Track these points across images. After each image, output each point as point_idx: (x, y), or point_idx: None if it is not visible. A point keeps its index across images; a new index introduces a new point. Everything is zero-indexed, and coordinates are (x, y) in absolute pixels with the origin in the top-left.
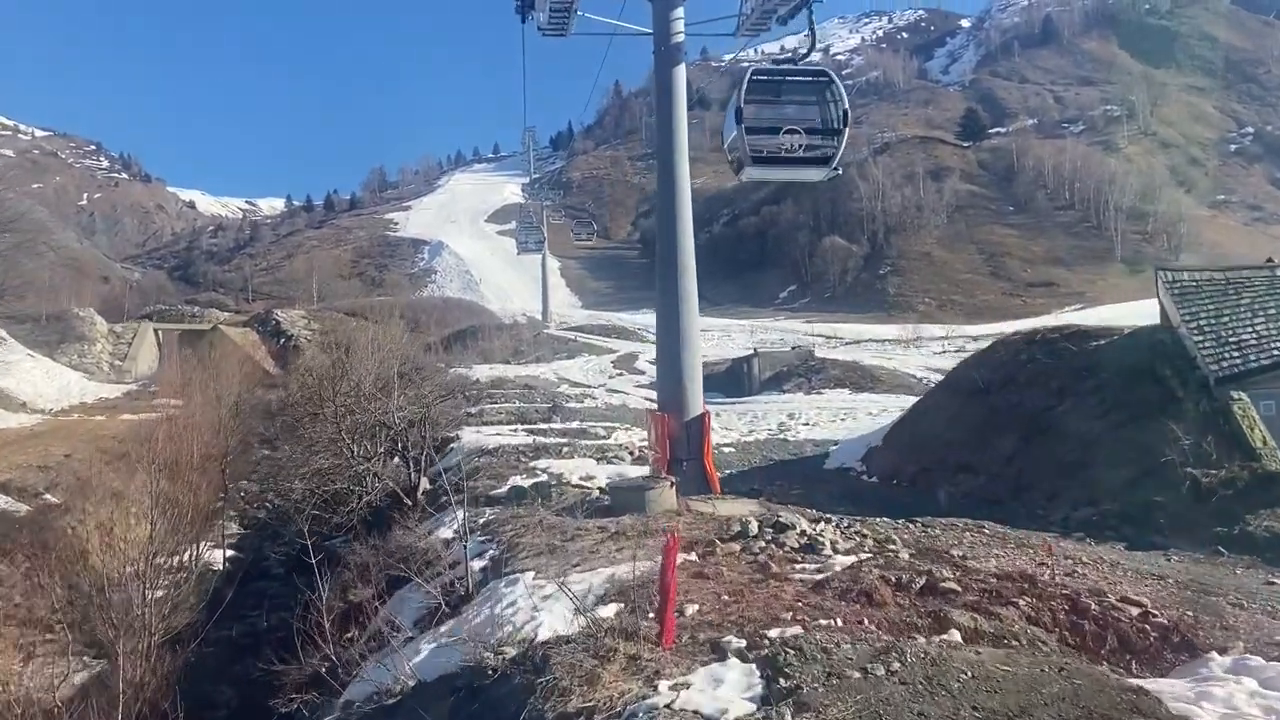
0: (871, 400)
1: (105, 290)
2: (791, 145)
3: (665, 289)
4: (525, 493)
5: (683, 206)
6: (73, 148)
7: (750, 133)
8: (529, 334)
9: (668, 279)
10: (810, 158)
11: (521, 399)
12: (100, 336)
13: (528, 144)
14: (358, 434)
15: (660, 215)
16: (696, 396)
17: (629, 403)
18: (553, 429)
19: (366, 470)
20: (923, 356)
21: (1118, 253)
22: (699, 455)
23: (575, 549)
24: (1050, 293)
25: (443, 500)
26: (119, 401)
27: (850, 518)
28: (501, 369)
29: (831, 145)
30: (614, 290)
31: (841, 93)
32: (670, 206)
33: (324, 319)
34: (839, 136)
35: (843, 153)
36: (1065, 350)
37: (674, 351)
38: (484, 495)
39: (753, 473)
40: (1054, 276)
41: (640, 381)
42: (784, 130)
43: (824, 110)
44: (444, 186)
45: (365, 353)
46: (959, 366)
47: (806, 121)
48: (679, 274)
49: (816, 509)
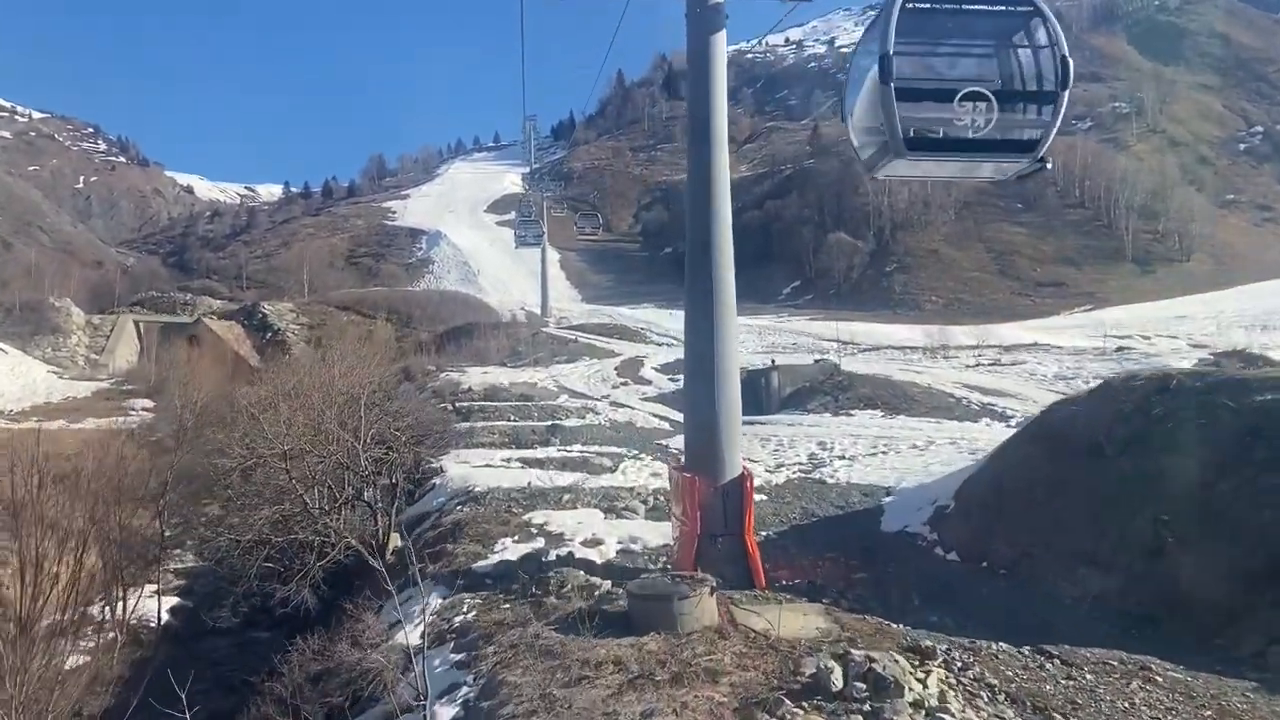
0: (910, 427)
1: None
2: (974, 120)
3: (696, 315)
4: (515, 573)
5: (719, 206)
6: (70, 130)
7: (904, 99)
8: (527, 333)
9: (698, 302)
10: (1003, 141)
11: (516, 414)
12: (76, 328)
13: (528, 133)
14: (314, 481)
15: (692, 219)
16: (734, 452)
17: (635, 419)
18: (551, 458)
19: (326, 526)
20: (954, 370)
21: (1128, 252)
22: (738, 530)
23: (582, 703)
24: (1060, 292)
25: (413, 569)
26: (86, 402)
27: (955, 643)
28: (496, 373)
29: (1039, 121)
30: (615, 284)
31: (1057, 32)
32: (704, 210)
33: (313, 312)
34: (1053, 106)
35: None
36: (1219, 406)
37: (705, 394)
38: (465, 568)
39: (793, 533)
40: (1063, 276)
41: (646, 393)
42: (961, 96)
43: (1025, 62)
44: (443, 175)
45: (325, 383)
46: (1054, 410)
47: (995, 81)
48: (715, 293)
49: (893, 610)
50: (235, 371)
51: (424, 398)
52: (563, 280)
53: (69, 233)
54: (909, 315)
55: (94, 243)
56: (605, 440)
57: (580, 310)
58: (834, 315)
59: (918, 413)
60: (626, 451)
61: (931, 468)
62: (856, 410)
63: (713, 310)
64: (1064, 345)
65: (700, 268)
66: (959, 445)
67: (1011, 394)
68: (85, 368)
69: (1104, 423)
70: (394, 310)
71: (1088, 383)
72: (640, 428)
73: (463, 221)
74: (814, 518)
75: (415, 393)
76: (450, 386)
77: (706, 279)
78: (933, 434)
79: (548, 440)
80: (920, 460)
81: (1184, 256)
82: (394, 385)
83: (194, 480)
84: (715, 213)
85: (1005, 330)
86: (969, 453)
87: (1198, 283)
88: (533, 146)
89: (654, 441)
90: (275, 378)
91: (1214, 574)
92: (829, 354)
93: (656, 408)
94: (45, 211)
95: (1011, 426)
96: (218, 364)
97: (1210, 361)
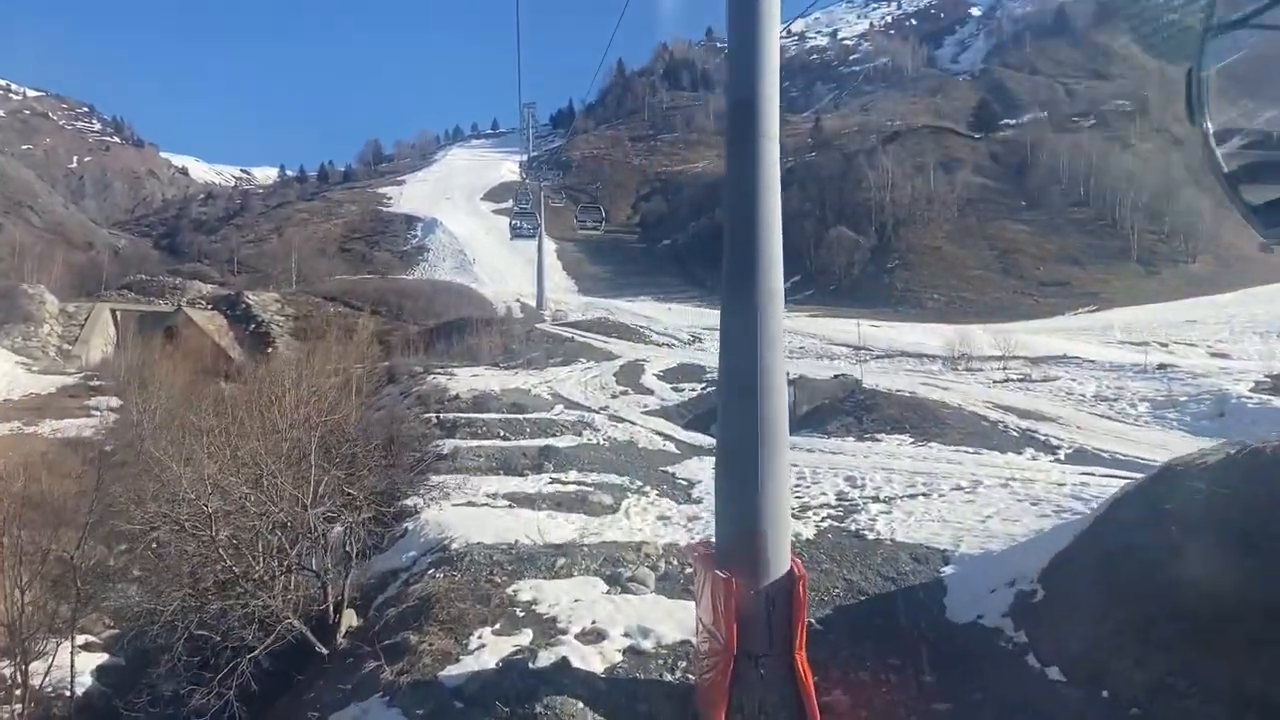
0: (947, 459)
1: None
2: None
3: (736, 350)
4: (491, 697)
5: (767, 215)
6: (65, 109)
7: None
8: (521, 330)
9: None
10: None
11: (506, 429)
12: (50, 317)
13: (526, 120)
14: (246, 546)
15: (731, 209)
16: (783, 542)
17: (636, 438)
18: (543, 494)
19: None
20: (983, 386)
21: (1134, 253)
22: (786, 649)
23: None
24: (1064, 292)
25: (368, 668)
26: (50, 399)
27: None
28: (487, 377)
29: None
30: (612, 275)
31: None
32: (750, 199)
33: (299, 303)
34: None
35: None
36: None
37: (746, 465)
38: (431, 676)
39: (839, 620)
40: (1068, 275)
41: (648, 405)
42: None
43: None
44: (440, 161)
45: (265, 428)
46: (1175, 481)
47: None
48: (760, 324)
49: None
50: (215, 366)
51: (408, 404)
52: (559, 271)
53: (60, 213)
54: (911, 313)
55: (85, 224)
56: (604, 465)
57: (577, 303)
58: (834, 312)
59: (951, 439)
60: (628, 482)
61: (990, 524)
62: (883, 434)
63: (757, 344)
64: (1096, 359)
65: (741, 289)
66: (1012, 489)
67: (1050, 417)
68: (57, 359)
69: (1259, 507)
70: (383, 302)
71: (1134, 405)
72: (642, 449)
73: (459, 209)
74: (861, 594)
75: (399, 399)
76: (437, 393)
77: (749, 306)
78: (974, 468)
79: (540, 465)
80: (970, 508)
81: (1189, 258)
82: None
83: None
84: (762, 222)
85: (1030, 338)
86: (1028, 501)
87: (1202, 285)
88: (531, 134)
89: (658, 468)
90: (203, 419)
91: None
92: (842, 360)
93: (659, 423)
94: (37, 192)
95: (1060, 460)
96: (196, 358)
97: (1267, 385)
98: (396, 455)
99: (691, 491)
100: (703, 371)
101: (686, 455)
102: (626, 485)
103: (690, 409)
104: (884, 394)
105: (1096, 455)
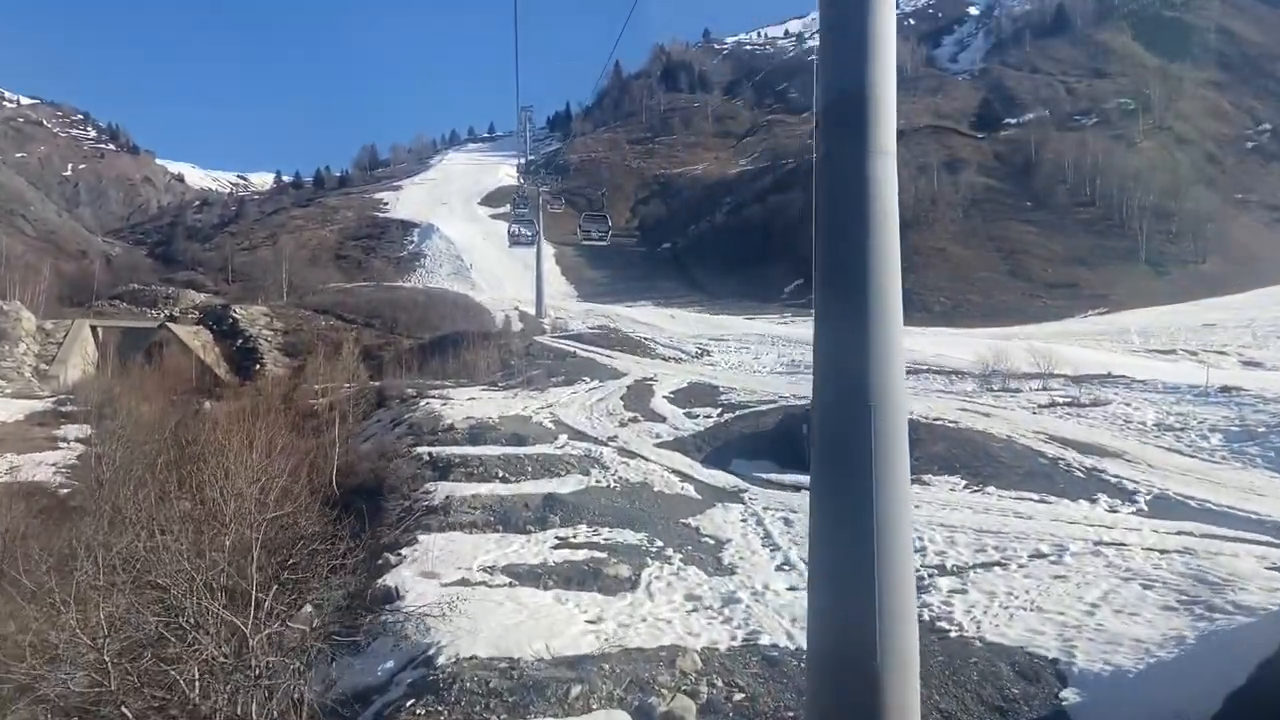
0: (1015, 512)
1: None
2: None
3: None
4: None
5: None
6: (59, 117)
7: None
8: (520, 344)
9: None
10: None
11: (505, 468)
12: (26, 335)
13: (523, 124)
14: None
15: (822, 195)
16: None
17: (651, 479)
18: (548, 565)
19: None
20: (1027, 412)
21: (1143, 253)
22: None
23: None
24: (1072, 294)
25: None
26: (13, 429)
27: None
28: (484, 400)
29: None
30: (612, 280)
31: None
32: (861, 183)
33: (289, 317)
34: None
35: None
36: None
37: (852, 583)
38: None
39: None
40: (1076, 277)
41: (660, 435)
42: None
43: None
44: (437, 166)
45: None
46: None
47: None
48: (880, 398)
49: None
50: (200, 386)
51: (399, 433)
52: (558, 276)
53: (54, 222)
54: (918, 317)
55: (79, 232)
56: (616, 516)
57: (577, 309)
58: None
59: (1009, 481)
60: (646, 541)
61: (1103, 620)
62: (930, 475)
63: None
64: (1146, 379)
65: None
66: (1106, 557)
67: (1114, 452)
68: (32, 380)
69: None
70: (376, 314)
71: (1205, 437)
72: (658, 493)
73: (456, 214)
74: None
75: (389, 427)
76: (430, 421)
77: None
78: (1048, 523)
79: (544, 518)
80: (1065, 588)
81: (1199, 258)
82: (366, 413)
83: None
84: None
85: (1064, 350)
86: (1137, 580)
87: (1214, 285)
88: (528, 138)
89: (677, 519)
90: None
91: None
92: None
93: (674, 458)
94: (31, 200)
95: (1143, 510)
96: (179, 377)
97: None
98: (379, 513)
99: (721, 556)
100: (716, 393)
101: (709, 502)
102: (645, 546)
103: (707, 441)
104: (925, 424)
105: (1183, 504)
